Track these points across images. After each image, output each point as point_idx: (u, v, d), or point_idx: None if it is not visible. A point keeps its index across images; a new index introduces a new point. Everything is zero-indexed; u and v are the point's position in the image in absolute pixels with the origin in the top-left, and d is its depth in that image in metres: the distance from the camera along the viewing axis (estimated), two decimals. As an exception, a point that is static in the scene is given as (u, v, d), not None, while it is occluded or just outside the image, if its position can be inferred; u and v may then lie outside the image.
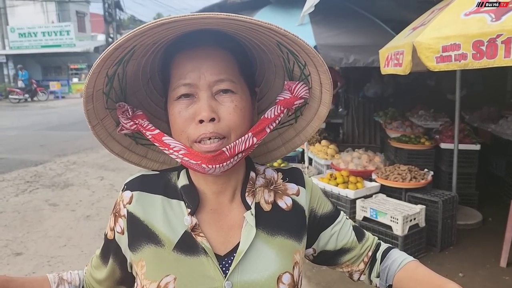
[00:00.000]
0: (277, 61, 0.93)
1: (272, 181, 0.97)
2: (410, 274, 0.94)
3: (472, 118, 6.10)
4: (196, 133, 0.80)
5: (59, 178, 6.94)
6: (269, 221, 0.90)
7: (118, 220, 0.91)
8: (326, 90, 0.89)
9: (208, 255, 0.84)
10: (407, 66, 2.65)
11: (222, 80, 0.81)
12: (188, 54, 0.83)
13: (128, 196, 0.90)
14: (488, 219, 4.56)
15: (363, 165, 4.81)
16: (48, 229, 4.77)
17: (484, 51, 2.13)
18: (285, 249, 0.89)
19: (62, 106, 19.36)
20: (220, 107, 0.81)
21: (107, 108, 0.89)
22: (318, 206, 1.00)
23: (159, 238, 0.85)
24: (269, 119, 0.88)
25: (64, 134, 11.10)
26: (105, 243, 0.96)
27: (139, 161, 1.01)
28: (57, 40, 24.73)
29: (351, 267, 1.04)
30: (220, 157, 0.80)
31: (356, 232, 1.04)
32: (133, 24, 43.45)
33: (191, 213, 0.86)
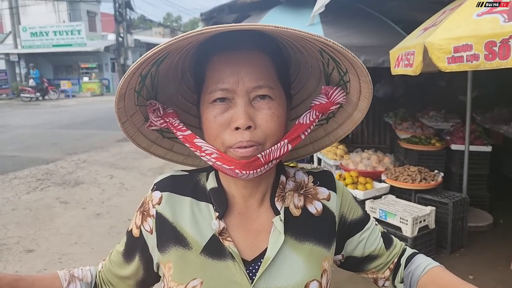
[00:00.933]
0: (314, 63, 0.90)
1: (303, 185, 0.94)
2: (434, 279, 0.91)
3: (483, 119, 6.04)
4: (232, 139, 0.78)
5: (70, 176, 7.01)
6: (298, 226, 0.88)
7: (146, 218, 0.90)
8: (365, 97, 0.87)
9: (235, 260, 0.83)
10: (418, 67, 2.64)
11: (261, 87, 0.79)
12: (225, 57, 0.80)
13: (157, 197, 0.89)
14: (499, 221, 4.52)
15: (373, 166, 4.79)
16: (60, 226, 4.82)
17: (496, 51, 2.11)
18: (313, 256, 0.87)
19: (73, 105, 19.55)
20: (257, 114, 0.79)
21: (137, 105, 0.88)
22: (348, 212, 0.97)
23: (187, 241, 0.85)
24: (304, 125, 0.86)
25: (75, 133, 11.21)
26: (129, 240, 0.94)
27: (164, 154, 1.01)
28: (68, 39, 24.99)
29: (377, 274, 1.02)
30: (255, 163, 0.79)
31: (384, 239, 1.01)
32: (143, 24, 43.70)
33: (219, 217, 0.85)
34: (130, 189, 6.25)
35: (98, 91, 24.86)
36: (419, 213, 3.67)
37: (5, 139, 10.44)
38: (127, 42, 25.33)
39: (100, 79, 25.47)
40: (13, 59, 25.15)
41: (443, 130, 5.72)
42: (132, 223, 0.95)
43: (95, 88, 24.85)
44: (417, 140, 5.07)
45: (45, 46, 25.18)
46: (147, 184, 6.49)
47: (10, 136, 10.91)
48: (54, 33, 25.09)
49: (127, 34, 25.20)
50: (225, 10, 6.00)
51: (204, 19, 6.67)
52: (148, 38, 33.03)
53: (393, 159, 5.07)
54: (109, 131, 11.34)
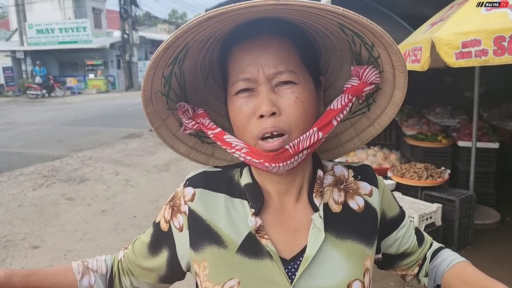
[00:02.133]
0: (342, 45, 0.85)
1: (343, 180, 0.90)
2: (459, 274, 0.89)
3: (491, 115, 5.99)
4: (257, 128, 0.76)
5: (75, 173, 7.04)
6: (339, 223, 0.84)
7: (176, 214, 0.87)
8: (400, 73, 0.80)
9: (273, 259, 0.79)
10: (425, 62, 2.61)
11: (281, 72, 0.77)
12: (244, 46, 0.79)
13: (190, 193, 0.86)
14: (506, 218, 4.48)
15: (379, 162, 4.77)
16: (65, 223, 4.84)
17: (506, 47, 2.08)
18: (355, 255, 0.83)
19: (79, 101, 19.62)
20: (281, 99, 0.76)
21: (169, 109, 0.87)
22: (388, 209, 0.94)
23: (222, 239, 0.82)
24: (335, 110, 0.81)
25: (81, 130, 11.25)
26: (156, 233, 0.91)
27: (206, 160, 0.98)
28: (74, 36, 25.07)
29: (406, 271, 1.00)
30: (283, 155, 0.75)
31: (417, 236, 0.99)
32: (149, 21, 43.73)
33: (255, 214, 0.82)
34: (135, 186, 6.26)
35: (104, 88, 24.93)
36: (425, 210, 3.64)
37: (11, 135, 10.51)
38: (133, 39, 25.37)
39: (105, 76, 25.54)
40: (19, 56, 25.28)
41: (450, 126, 5.67)
42: (160, 216, 0.92)
43: (101, 85, 24.94)
44: (423, 137, 5.03)
45: (51, 43, 25.28)
46: (152, 181, 6.51)
47: (16, 132, 10.97)
48: (60, 30, 25.18)
49: (132, 31, 25.24)
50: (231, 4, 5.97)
51: (209, 15, 6.64)
52: (153, 35, 33.08)
53: (399, 156, 5.04)
54: (114, 128, 11.38)
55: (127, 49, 25.17)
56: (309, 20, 0.79)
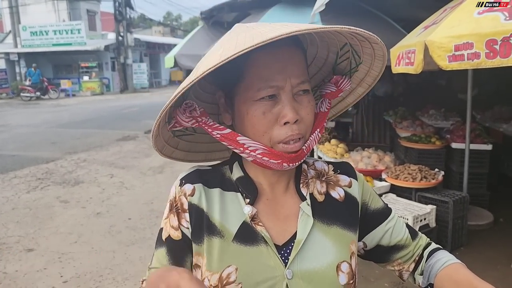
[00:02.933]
0: (322, 55, 0.97)
1: (324, 173, 0.98)
2: (451, 275, 0.93)
3: (483, 117, 6.03)
4: (282, 134, 0.81)
5: (69, 175, 7.01)
6: (324, 211, 0.92)
7: (183, 215, 0.88)
8: (366, 84, 0.96)
9: (268, 245, 0.85)
10: (419, 65, 2.63)
11: (303, 82, 0.83)
12: (270, 54, 0.81)
13: (190, 189, 0.88)
14: (500, 219, 4.52)
15: (373, 164, 4.79)
16: (59, 225, 4.82)
17: (497, 50, 2.10)
18: (341, 239, 0.91)
19: (73, 104, 19.54)
20: (300, 107, 0.82)
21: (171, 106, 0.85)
22: (370, 201, 1.01)
23: (218, 229, 0.86)
24: (324, 113, 0.92)
25: (75, 132, 11.20)
26: (172, 247, 0.88)
27: (171, 153, 0.99)
28: (68, 38, 24.95)
29: (403, 265, 1.03)
30: (301, 155, 0.83)
31: (409, 230, 1.04)
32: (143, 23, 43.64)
33: (251, 203, 0.88)
34: (130, 188, 6.25)
35: (98, 90, 24.83)
36: (419, 211, 3.66)
37: (5, 138, 10.44)
38: (127, 41, 25.30)
39: (100, 78, 25.44)
40: (13, 58, 25.13)
41: (443, 128, 5.71)
42: (166, 230, 0.89)
43: (95, 87, 24.83)
44: (417, 138, 5.06)
45: (45, 45, 25.15)
46: (147, 183, 6.50)
47: (10, 135, 10.91)
48: (54, 32, 25.06)
49: (127, 33, 25.17)
50: (225, 9, 5.99)
51: (204, 17, 6.66)
52: (148, 37, 33.01)
53: (393, 158, 5.06)
54: (109, 130, 11.34)
55: (122, 51, 25.10)
56: (318, 34, 0.90)
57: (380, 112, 6.74)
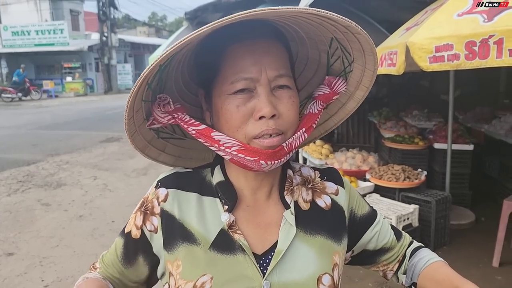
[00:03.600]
0: (314, 56, 0.91)
1: (310, 180, 0.94)
2: (433, 273, 0.93)
3: (465, 118, 6.13)
4: (256, 129, 0.77)
5: (51, 177, 6.89)
6: (308, 220, 0.88)
7: (149, 218, 0.86)
8: (364, 86, 0.89)
9: (246, 253, 0.82)
10: (400, 66, 2.65)
11: (282, 76, 0.79)
12: (246, 45, 0.79)
13: (163, 194, 0.86)
14: (481, 219, 4.58)
15: (357, 165, 4.82)
16: (40, 229, 4.73)
17: (476, 51, 2.13)
18: (324, 250, 0.87)
19: (56, 105, 19.24)
20: (279, 102, 0.79)
21: (143, 100, 0.83)
22: (357, 207, 0.98)
23: (195, 237, 0.82)
24: (315, 115, 0.87)
25: (57, 133, 11.02)
26: (129, 243, 0.89)
27: (157, 156, 0.96)
28: (51, 38, 24.62)
29: (387, 266, 1.02)
30: (280, 152, 0.78)
31: (394, 231, 1.03)
32: (128, 23, 43.29)
33: (229, 210, 0.84)
34: (114, 190, 6.17)
35: (82, 91, 24.53)
36: (402, 211, 3.70)
37: (-15, 140, 10.23)
38: (111, 42, 25.06)
39: (83, 79, 25.15)
40: (-7, 59, 24.71)
41: (426, 129, 5.79)
42: (130, 225, 0.90)
43: (79, 88, 24.52)
44: (400, 139, 5.11)
45: (27, 45, 24.77)
46: (131, 185, 6.43)
47: (-10, 137, 10.69)
48: (36, 32, 24.69)
49: (111, 34, 24.95)
50: (209, 9, 5.96)
51: (188, 18, 6.62)
52: (132, 38, 32.77)
53: (377, 158, 5.10)
54: (92, 132, 11.20)
55: (106, 51, 24.85)
56: (302, 29, 0.83)
57: (364, 113, 6.79)
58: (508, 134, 4.84)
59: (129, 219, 0.91)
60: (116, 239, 0.92)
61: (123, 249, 0.90)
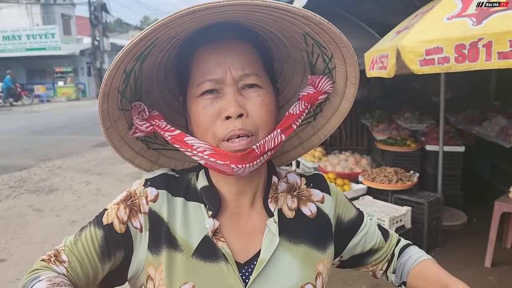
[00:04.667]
0: (298, 56, 0.89)
1: (296, 187, 0.93)
2: (422, 272, 0.93)
3: (457, 120, 6.18)
4: (223, 130, 0.76)
5: (44, 183, 6.84)
6: (292, 229, 0.87)
7: (136, 214, 0.82)
8: (352, 83, 0.86)
9: (228, 262, 0.80)
10: (391, 69, 2.68)
11: (248, 75, 0.78)
12: (211, 47, 0.79)
13: (153, 194, 0.83)
14: (473, 220, 4.62)
15: (350, 167, 4.84)
16: (33, 235, 4.69)
17: (466, 54, 2.16)
18: (308, 259, 0.86)
19: (47, 109, 19.12)
20: (247, 102, 0.78)
21: (121, 109, 0.83)
22: (344, 213, 0.97)
23: (178, 243, 0.81)
24: (294, 115, 0.84)
25: (49, 138, 10.94)
26: (109, 236, 0.81)
27: (150, 167, 0.95)
28: (42, 43, 24.49)
29: (377, 266, 1.02)
30: (250, 155, 0.76)
31: (381, 232, 1.02)
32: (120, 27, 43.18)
33: (213, 216, 0.82)
34: (107, 195, 6.13)
35: (74, 95, 24.39)
36: (395, 213, 3.71)
37: (-24, 145, 10.13)
38: (103, 46, 25.00)
39: (75, 84, 25.02)
40: (-16, 63, 24.48)
41: (418, 131, 5.83)
42: (110, 216, 0.82)
43: (71, 93, 24.38)
44: (393, 141, 5.14)
45: (18, 50, 24.63)
46: (124, 189, 6.35)
47: (-19, 142, 10.59)
48: (27, 36, 24.56)
49: (103, 38, 24.89)
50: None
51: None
52: (125, 42, 32.51)
53: (370, 161, 5.13)
54: (84, 136, 11.13)
55: (98, 56, 24.77)
56: (273, 28, 0.82)
57: (357, 115, 6.83)
58: (499, 135, 4.89)
59: (105, 209, 0.85)
60: (89, 229, 0.83)
61: (102, 241, 0.81)
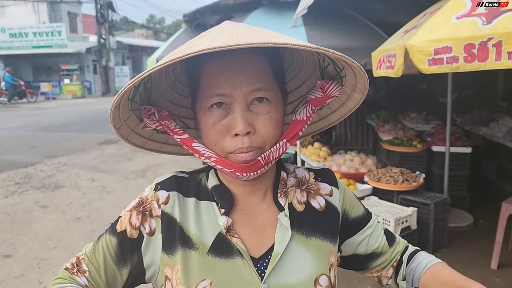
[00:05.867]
0: (309, 57, 0.90)
1: (304, 181, 0.95)
2: (435, 276, 0.92)
3: (463, 121, 6.15)
4: (232, 146, 0.78)
5: (49, 179, 6.87)
6: (303, 222, 0.89)
7: (148, 219, 0.85)
8: (360, 91, 0.87)
9: (244, 257, 0.82)
10: (399, 69, 2.66)
11: (258, 89, 0.78)
12: (221, 62, 0.79)
13: (164, 196, 0.86)
14: (479, 221, 4.59)
15: (356, 167, 4.83)
16: (38, 231, 4.71)
17: (475, 54, 2.14)
18: (321, 251, 0.88)
19: (53, 107, 19.20)
20: (256, 119, 0.79)
21: (131, 110, 0.87)
22: (351, 209, 0.98)
23: (193, 242, 0.83)
24: (301, 122, 0.86)
25: (55, 136, 10.99)
26: (124, 242, 0.86)
27: (159, 147, 0.99)
28: (48, 40, 24.58)
29: (381, 272, 1.02)
30: (255, 166, 0.79)
31: (387, 236, 1.02)
32: (126, 25, 43.27)
33: (226, 213, 0.85)
34: (112, 193, 6.15)
35: (80, 93, 24.48)
36: (401, 214, 3.70)
37: (-18, 142, 10.19)
38: (109, 44, 25.06)
39: (81, 81, 25.10)
40: (-9, 61, 24.62)
41: (424, 131, 5.80)
42: (123, 223, 0.87)
43: (76, 90, 24.47)
44: (399, 141, 5.12)
45: (24, 47, 24.71)
46: (129, 187, 6.41)
47: (-12, 139, 10.65)
48: (34, 34, 24.64)
49: (109, 36, 24.94)
50: (207, 12, 5.97)
51: (187, 20, 6.63)
52: (130, 40, 32.78)
53: (375, 161, 5.11)
54: (90, 134, 11.17)
55: (104, 54, 24.84)
56: None
57: (362, 115, 6.81)
58: (506, 136, 4.86)
59: (119, 217, 0.90)
60: (105, 237, 0.89)
61: (117, 248, 0.86)
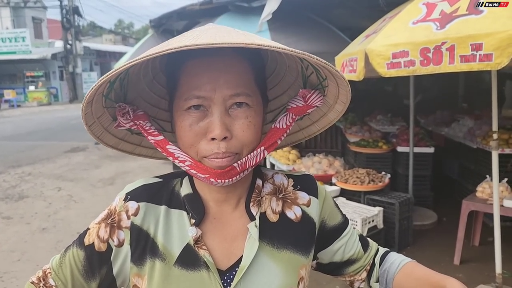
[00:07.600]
0: (292, 64, 0.87)
1: (282, 189, 0.91)
2: (409, 274, 0.92)
3: (427, 122, 6.34)
4: (207, 150, 0.75)
5: (13, 190, 6.65)
6: (275, 233, 0.85)
7: (116, 231, 0.83)
8: (342, 102, 0.85)
9: (210, 270, 0.80)
10: (360, 72, 2.73)
11: (238, 94, 0.75)
12: (204, 62, 0.75)
13: (134, 207, 0.83)
14: (443, 219, 4.74)
15: (324, 169, 4.90)
16: (1, 243, 4.55)
17: (430, 57, 2.22)
18: (290, 264, 0.85)
19: (17, 115, 18.61)
20: (234, 123, 0.76)
21: (105, 107, 0.82)
22: (329, 218, 0.95)
23: (161, 252, 0.81)
24: (281, 130, 0.83)
25: (19, 144, 10.65)
26: (91, 256, 0.85)
27: (132, 149, 0.95)
28: (12, 46, 23.85)
29: (354, 276, 1.01)
30: (231, 172, 0.76)
31: (361, 242, 1.01)
32: (93, 31, 42.47)
33: (196, 224, 0.82)
34: (79, 201, 6.01)
35: (46, 100, 23.81)
36: (368, 214, 3.77)
37: None
38: (76, 50, 24.51)
39: (47, 88, 24.43)
40: (-50, 68, 23.66)
41: (390, 133, 5.94)
42: (91, 237, 0.85)
43: (42, 97, 23.79)
44: (365, 143, 5.22)
45: (-14, 53, 23.89)
46: (97, 195, 6.28)
47: None
48: (-4, 40, 23.87)
49: (75, 41, 24.40)
50: (174, 17, 5.95)
51: (154, 26, 6.58)
52: (98, 45, 32.14)
53: (343, 162, 5.20)
54: (56, 142, 10.88)
55: (71, 59, 24.27)
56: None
57: (330, 118, 6.90)
58: (466, 136, 5.04)
59: (87, 229, 0.88)
60: (72, 250, 0.87)
61: (85, 262, 0.85)
